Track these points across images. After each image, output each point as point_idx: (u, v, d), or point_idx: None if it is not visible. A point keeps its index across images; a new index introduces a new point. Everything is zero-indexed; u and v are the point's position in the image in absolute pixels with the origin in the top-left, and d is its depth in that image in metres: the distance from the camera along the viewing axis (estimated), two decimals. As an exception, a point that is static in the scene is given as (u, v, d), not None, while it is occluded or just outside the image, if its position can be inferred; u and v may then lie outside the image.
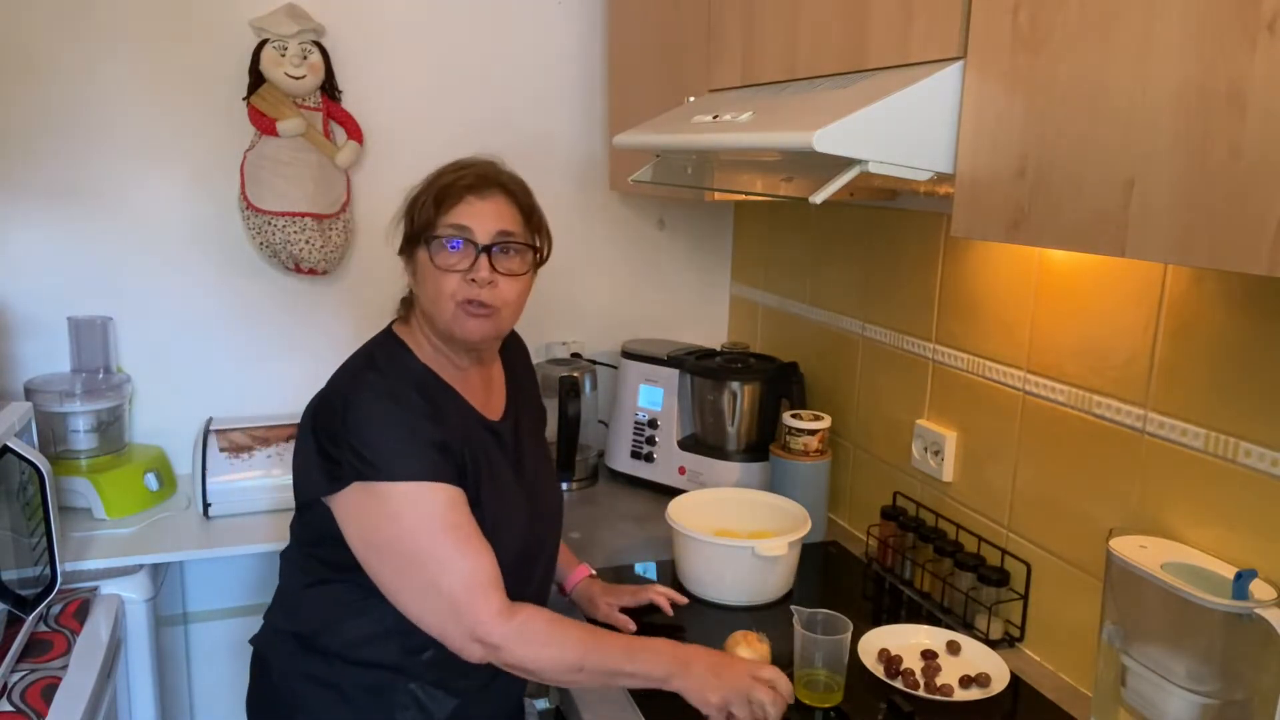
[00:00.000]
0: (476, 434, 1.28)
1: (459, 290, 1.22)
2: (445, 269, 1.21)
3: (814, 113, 1.12)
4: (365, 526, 1.18)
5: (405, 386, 1.22)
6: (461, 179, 1.24)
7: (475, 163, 1.27)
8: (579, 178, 2.24)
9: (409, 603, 1.18)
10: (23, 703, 1.29)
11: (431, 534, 1.16)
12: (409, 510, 1.16)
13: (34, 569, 1.44)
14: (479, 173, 1.25)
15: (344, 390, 1.21)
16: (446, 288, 1.22)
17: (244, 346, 2.06)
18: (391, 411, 1.18)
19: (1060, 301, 1.37)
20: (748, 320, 2.34)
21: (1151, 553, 1.14)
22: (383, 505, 1.16)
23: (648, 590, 1.51)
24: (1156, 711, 1.12)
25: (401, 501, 1.16)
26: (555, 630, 1.18)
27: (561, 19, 2.16)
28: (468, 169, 1.26)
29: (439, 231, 1.22)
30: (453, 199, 1.22)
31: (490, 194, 1.24)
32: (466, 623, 1.15)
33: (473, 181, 1.24)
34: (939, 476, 1.62)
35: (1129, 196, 0.87)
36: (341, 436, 1.17)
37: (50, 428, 1.80)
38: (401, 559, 1.17)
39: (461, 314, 1.22)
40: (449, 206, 1.22)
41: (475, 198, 1.23)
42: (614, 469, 2.13)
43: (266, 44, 1.88)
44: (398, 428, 1.17)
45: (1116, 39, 0.88)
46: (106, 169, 1.92)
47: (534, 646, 1.16)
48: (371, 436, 1.16)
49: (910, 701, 1.28)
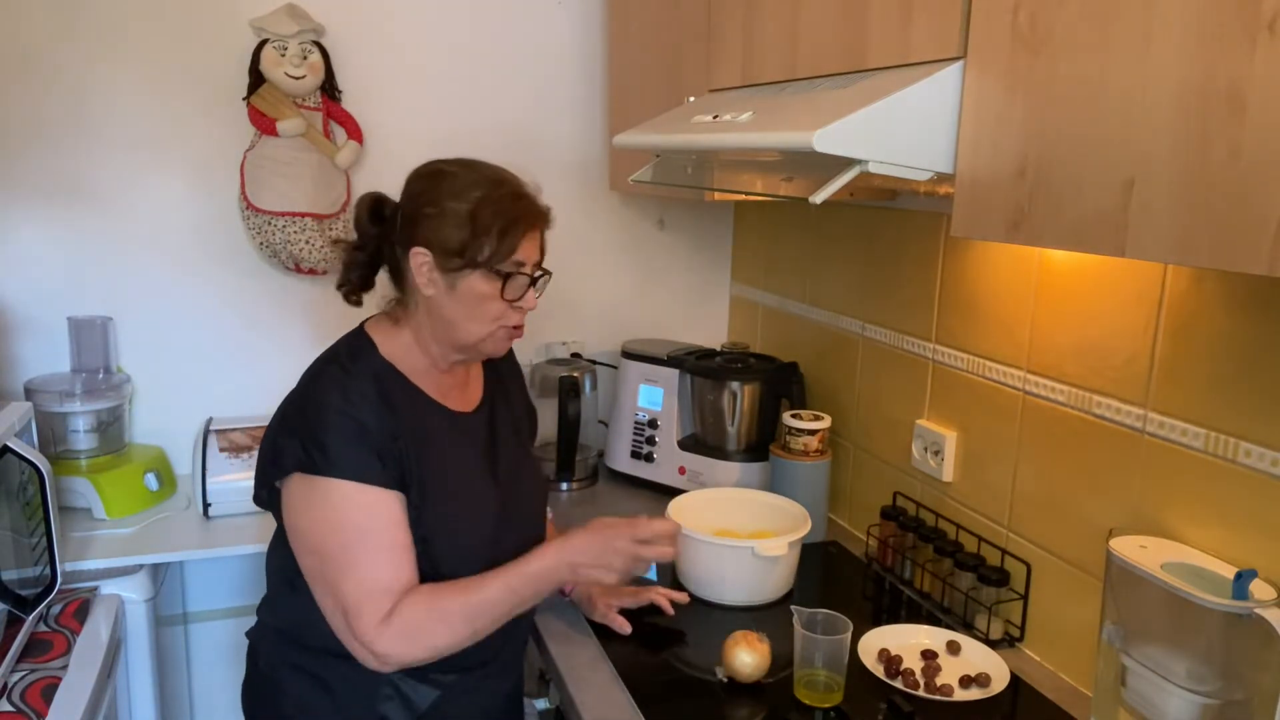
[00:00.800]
0: (437, 426, 1.29)
1: (506, 316, 1.27)
2: (507, 299, 1.26)
3: (814, 113, 1.12)
4: (295, 515, 1.21)
5: (363, 382, 1.24)
6: (526, 210, 1.26)
7: (525, 190, 1.29)
8: (579, 178, 2.24)
9: (318, 597, 1.21)
10: (23, 703, 1.29)
11: (345, 535, 1.18)
12: (333, 507, 1.18)
13: (34, 569, 1.44)
14: (538, 209, 1.28)
15: (303, 384, 1.26)
16: (492, 313, 1.26)
17: (244, 346, 2.06)
18: (343, 409, 1.20)
19: (1060, 301, 1.37)
20: (748, 320, 2.34)
21: (1151, 553, 1.14)
22: (312, 498, 1.19)
23: (648, 591, 1.51)
24: (1156, 711, 1.12)
25: (329, 497, 1.18)
26: (434, 614, 1.19)
27: (561, 19, 2.16)
28: (526, 199, 1.27)
29: (508, 267, 1.25)
30: (519, 233, 1.25)
31: (543, 227, 1.30)
32: (355, 631, 1.17)
33: (537, 217, 1.28)
34: (939, 476, 1.62)
35: (1129, 196, 0.87)
36: (295, 427, 1.20)
37: (50, 428, 1.80)
38: (316, 554, 1.20)
39: (502, 336, 1.29)
40: (516, 240, 1.24)
41: (534, 232, 1.27)
42: (614, 469, 2.13)
43: (266, 44, 1.88)
44: (345, 424, 1.19)
45: (1116, 39, 0.88)
46: (106, 169, 1.92)
47: (419, 640, 1.19)
48: (319, 430, 1.18)
49: (910, 701, 1.28)
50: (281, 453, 1.20)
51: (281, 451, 1.20)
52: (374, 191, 1.31)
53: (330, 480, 1.18)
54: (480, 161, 1.30)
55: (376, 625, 1.17)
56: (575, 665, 1.38)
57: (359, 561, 1.18)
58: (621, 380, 2.13)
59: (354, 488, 1.18)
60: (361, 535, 1.18)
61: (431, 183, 1.26)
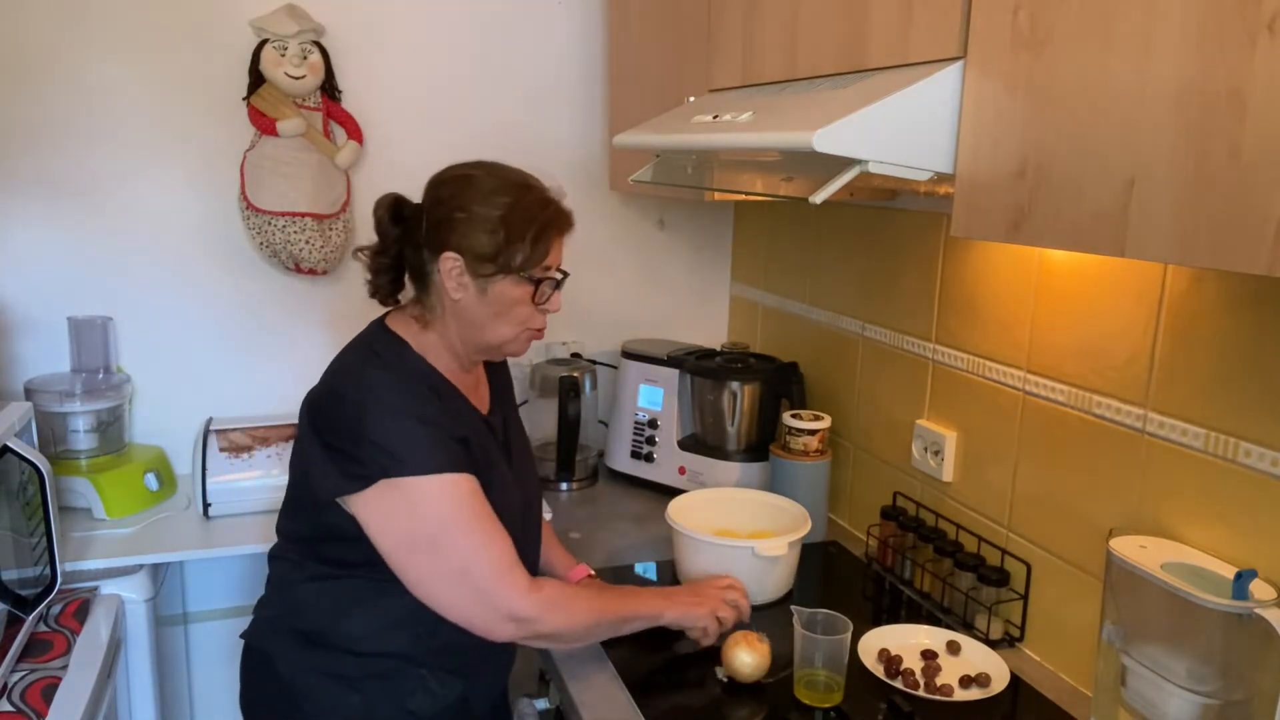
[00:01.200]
0: (476, 427, 1.31)
1: (532, 319, 1.30)
2: (539, 304, 1.29)
3: (814, 113, 1.12)
4: (393, 522, 1.20)
5: (415, 382, 1.25)
6: (555, 215, 1.29)
7: (555, 194, 1.32)
8: (579, 178, 2.24)
9: (438, 592, 1.21)
10: (23, 703, 1.29)
11: (459, 525, 1.20)
12: (435, 503, 1.19)
13: (34, 569, 1.44)
14: (566, 214, 1.31)
15: (354, 387, 1.22)
16: (521, 316, 1.29)
17: (244, 346, 2.06)
18: (409, 407, 1.20)
19: (1060, 301, 1.37)
20: (748, 320, 2.34)
21: (1151, 553, 1.14)
22: (409, 500, 1.18)
23: None
24: (1156, 711, 1.12)
25: (428, 495, 1.19)
26: (572, 594, 1.28)
27: (561, 19, 2.16)
28: (556, 205, 1.30)
29: (539, 273, 1.27)
30: (550, 238, 1.28)
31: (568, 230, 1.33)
32: (499, 605, 1.20)
33: (564, 223, 1.31)
34: (939, 476, 1.62)
35: (1129, 196, 0.87)
36: (361, 435, 1.18)
37: (50, 428, 1.80)
38: (430, 551, 1.20)
39: (527, 339, 1.32)
40: (547, 245, 1.28)
41: (562, 236, 1.31)
42: (614, 469, 2.13)
43: (266, 44, 1.88)
44: (417, 423, 1.20)
45: (1116, 39, 0.88)
46: (107, 169, 1.92)
47: (563, 612, 1.25)
48: (393, 433, 1.18)
49: (910, 701, 1.28)
50: (353, 464, 1.18)
51: (354, 462, 1.18)
52: (392, 193, 1.31)
53: (424, 478, 1.18)
54: (502, 164, 1.31)
55: (525, 592, 1.21)
56: (575, 665, 1.38)
57: (484, 542, 1.20)
58: (621, 380, 2.13)
59: (449, 478, 1.20)
60: (476, 518, 1.21)
61: (459, 187, 1.26)
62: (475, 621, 1.21)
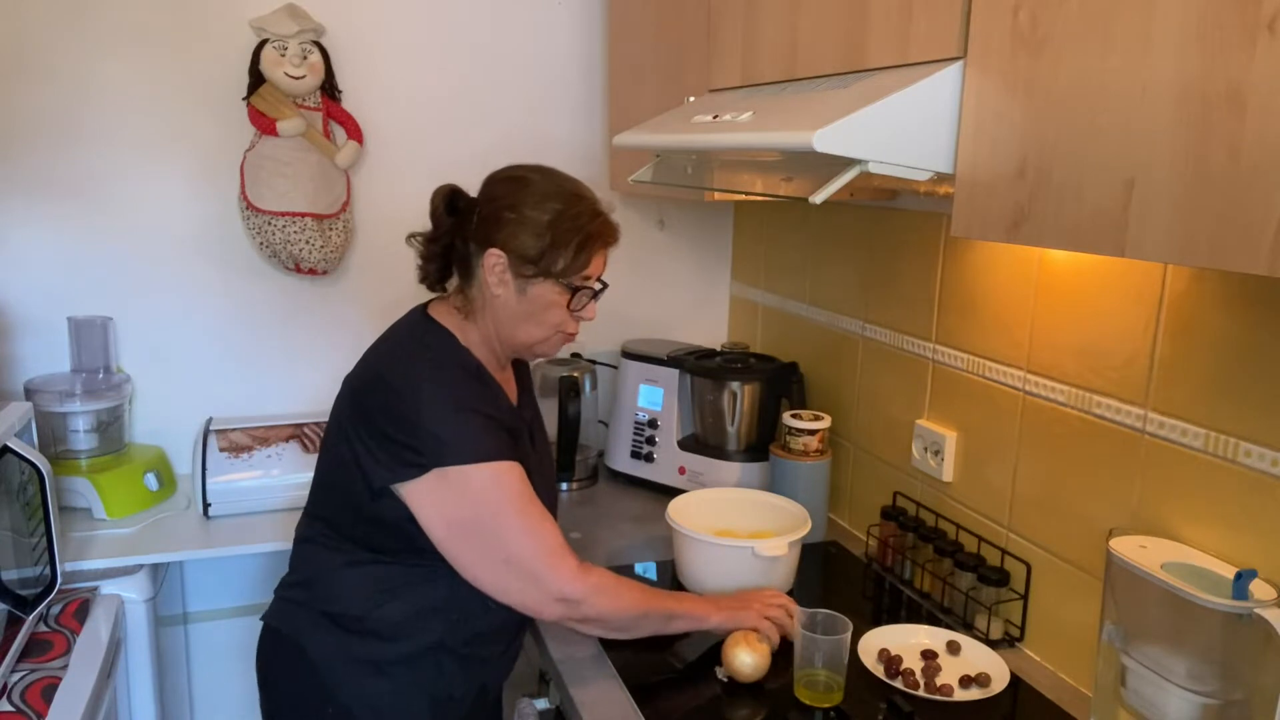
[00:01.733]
0: (515, 418, 1.35)
1: (566, 324, 1.34)
2: (574, 310, 1.33)
3: (814, 113, 1.12)
4: (446, 509, 1.23)
5: (464, 373, 1.29)
6: (602, 228, 1.32)
7: (601, 208, 1.34)
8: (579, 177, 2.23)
9: (489, 577, 1.25)
10: (23, 703, 1.29)
11: (511, 511, 1.24)
12: (489, 490, 1.23)
13: (34, 569, 1.44)
14: (612, 228, 1.34)
15: (406, 377, 1.25)
16: (554, 319, 1.33)
17: (244, 346, 2.06)
18: (461, 397, 1.25)
19: (1060, 301, 1.37)
20: (748, 320, 2.34)
21: (1151, 553, 1.14)
22: (463, 488, 1.22)
23: None
24: (1156, 711, 1.12)
25: (481, 483, 1.23)
26: (620, 583, 1.30)
27: (561, 19, 2.16)
28: (602, 215, 1.33)
29: (578, 281, 1.31)
30: (593, 249, 1.31)
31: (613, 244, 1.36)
32: (550, 587, 1.24)
33: (609, 237, 1.34)
34: (939, 476, 1.62)
35: (1129, 196, 0.87)
36: (416, 424, 1.21)
37: (50, 428, 1.80)
38: (483, 537, 1.24)
39: (557, 340, 1.36)
40: (589, 256, 1.31)
41: (606, 249, 1.34)
42: (614, 469, 2.13)
43: (266, 44, 1.88)
44: (470, 413, 1.24)
45: (1116, 39, 0.88)
46: (107, 169, 1.92)
47: (609, 598, 1.27)
48: (447, 422, 1.22)
49: (910, 701, 1.28)
50: (408, 450, 1.21)
51: (412, 450, 1.21)
52: (450, 184, 1.35)
53: (477, 466, 1.22)
54: (558, 171, 1.35)
55: (575, 574, 1.25)
56: (575, 665, 1.38)
57: (533, 526, 1.24)
58: (621, 380, 2.13)
59: (501, 466, 1.24)
60: (526, 504, 1.25)
61: (513, 187, 1.30)
62: (527, 602, 1.26)
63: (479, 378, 1.31)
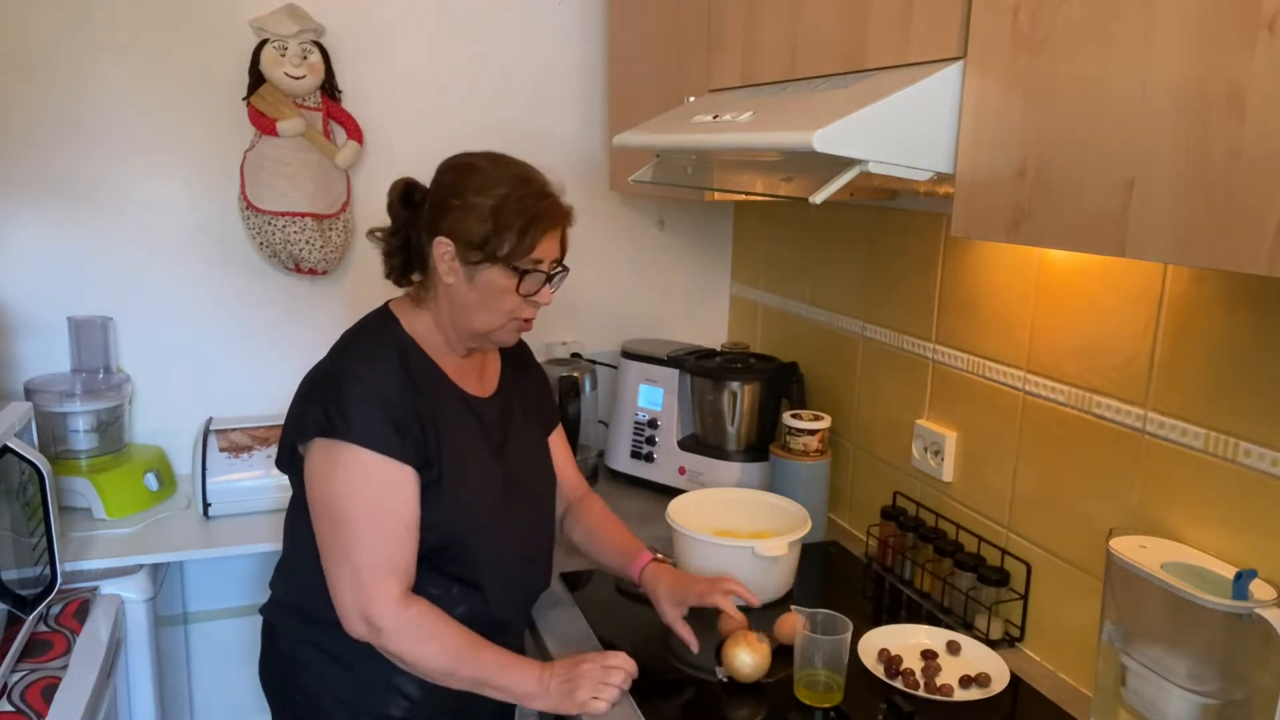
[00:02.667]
0: (453, 407, 1.32)
1: (519, 309, 1.31)
2: (523, 293, 1.29)
3: (814, 113, 1.12)
4: (314, 480, 1.24)
5: (388, 354, 1.28)
6: (548, 210, 1.30)
7: (551, 189, 1.33)
8: (579, 178, 2.24)
9: (328, 563, 1.24)
10: (23, 703, 1.29)
11: (364, 508, 1.21)
12: (353, 475, 1.22)
13: (34, 569, 1.44)
14: (560, 209, 1.32)
15: (331, 354, 1.30)
16: (507, 305, 1.29)
17: (244, 346, 2.06)
18: (369, 380, 1.25)
19: (1060, 301, 1.37)
20: (748, 320, 2.34)
21: (1151, 553, 1.14)
22: (334, 463, 1.22)
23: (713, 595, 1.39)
24: (1156, 711, 1.12)
25: (349, 465, 1.22)
26: (436, 634, 1.23)
27: (561, 19, 2.16)
28: (552, 198, 1.31)
29: (525, 264, 1.28)
30: (539, 231, 1.28)
31: (564, 226, 1.34)
32: (362, 600, 1.21)
33: (560, 217, 1.32)
34: (939, 476, 1.62)
35: (1129, 196, 0.87)
36: (319, 392, 1.25)
37: (50, 428, 1.80)
38: (332, 519, 1.23)
39: (514, 328, 1.33)
40: (535, 238, 1.28)
41: (554, 231, 1.31)
42: (614, 469, 2.13)
43: (266, 44, 1.88)
44: (370, 395, 1.23)
45: (1116, 39, 0.88)
46: (107, 169, 1.92)
47: (412, 642, 1.22)
48: (344, 397, 1.22)
49: (910, 701, 1.28)
50: (305, 418, 1.24)
51: (305, 416, 1.24)
52: (406, 177, 1.35)
53: (352, 447, 1.21)
54: (509, 157, 1.34)
55: (392, 601, 1.21)
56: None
57: (375, 533, 1.21)
58: (621, 380, 2.13)
59: (374, 457, 1.21)
60: (380, 507, 1.22)
61: (460, 175, 1.30)
62: (342, 605, 1.22)
63: (406, 363, 1.29)
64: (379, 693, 1.30)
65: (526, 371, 1.52)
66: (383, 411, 1.22)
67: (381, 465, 1.21)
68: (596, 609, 1.54)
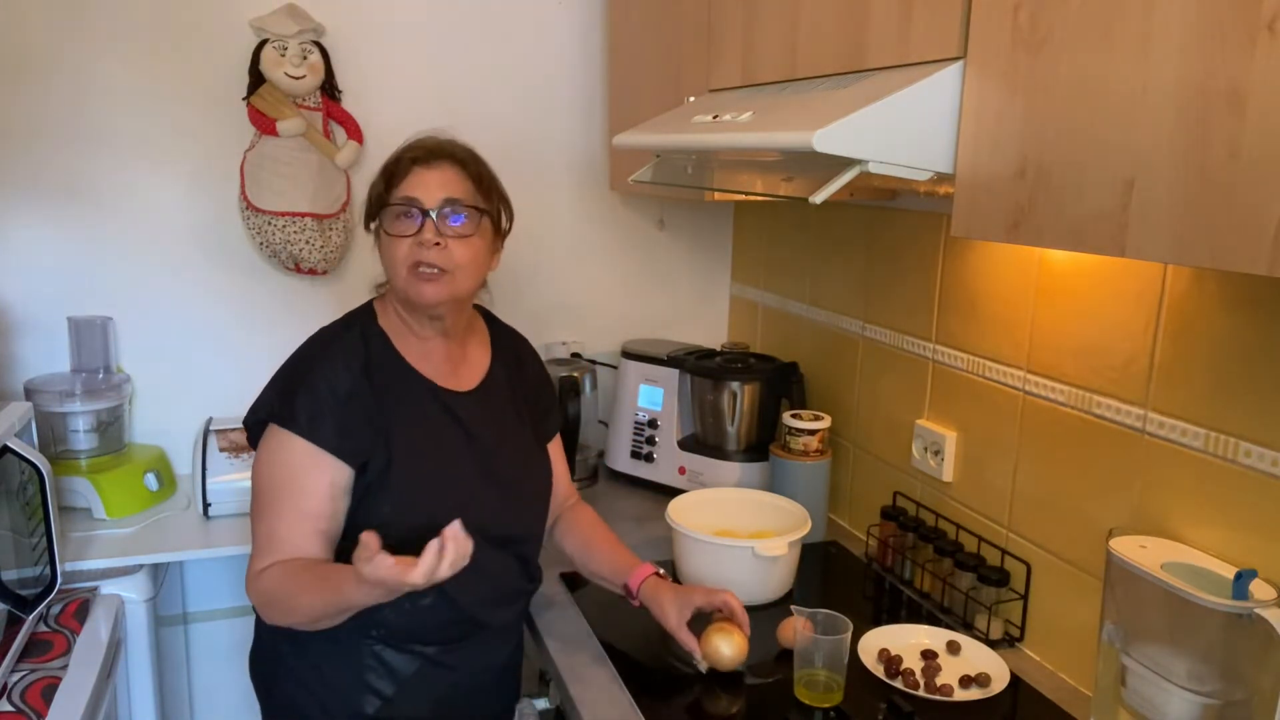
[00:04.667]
0: (417, 400, 1.33)
1: (409, 254, 1.28)
2: (396, 235, 1.29)
3: (814, 113, 1.12)
4: (257, 460, 1.29)
5: (346, 348, 1.31)
6: (409, 153, 1.32)
7: (425, 138, 1.35)
8: (579, 178, 2.24)
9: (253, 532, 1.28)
10: (23, 703, 1.29)
11: (276, 481, 1.25)
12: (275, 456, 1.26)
13: (34, 569, 1.44)
14: (427, 146, 1.33)
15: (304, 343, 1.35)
16: (399, 254, 1.29)
17: (244, 346, 2.06)
18: (321, 370, 1.27)
19: (1060, 301, 1.37)
20: (748, 320, 2.34)
21: (1151, 553, 1.14)
22: (266, 445, 1.27)
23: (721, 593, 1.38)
24: (1156, 711, 1.12)
25: (274, 447, 1.26)
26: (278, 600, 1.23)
27: (561, 19, 2.16)
28: (419, 144, 1.34)
29: (390, 201, 1.30)
30: (401, 172, 1.30)
31: (437, 164, 1.31)
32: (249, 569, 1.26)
33: (419, 154, 1.31)
34: (939, 476, 1.62)
35: (1129, 196, 0.87)
36: (276, 379, 1.31)
37: (50, 428, 1.80)
38: (255, 492, 1.28)
39: (414, 278, 1.29)
40: (399, 180, 1.30)
41: (422, 168, 1.30)
42: (614, 469, 2.13)
43: (266, 44, 1.88)
44: (317, 385, 1.26)
45: (1117, 39, 0.88)
46: (107, 169, 1.92)
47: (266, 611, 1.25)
48: (293, 385, 1.27)
49: (910, 701, 1.28)
50: (261, 400, 1.30)
51: (259, 401, 1.30)
52: None
53: (284, 431, 1.25)
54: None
55: (253, 575, 1.25)
56: (575, 665, 1.38)
57: (275, 510, 1.25)
58: (621, 380, 2.13)
59: (299, 443, 1.24)
60: (284, 487, 1.25)
61: None
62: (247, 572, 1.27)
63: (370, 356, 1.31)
64: (351, 690, 1.30)
65: (521, 369, 1.50)
66: (322, 402, 1.25)
67: (303, 451, 1.24)
68: (597, 609, 1.54)
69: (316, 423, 1.24)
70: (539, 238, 2.23)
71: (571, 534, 1.53)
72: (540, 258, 2.25)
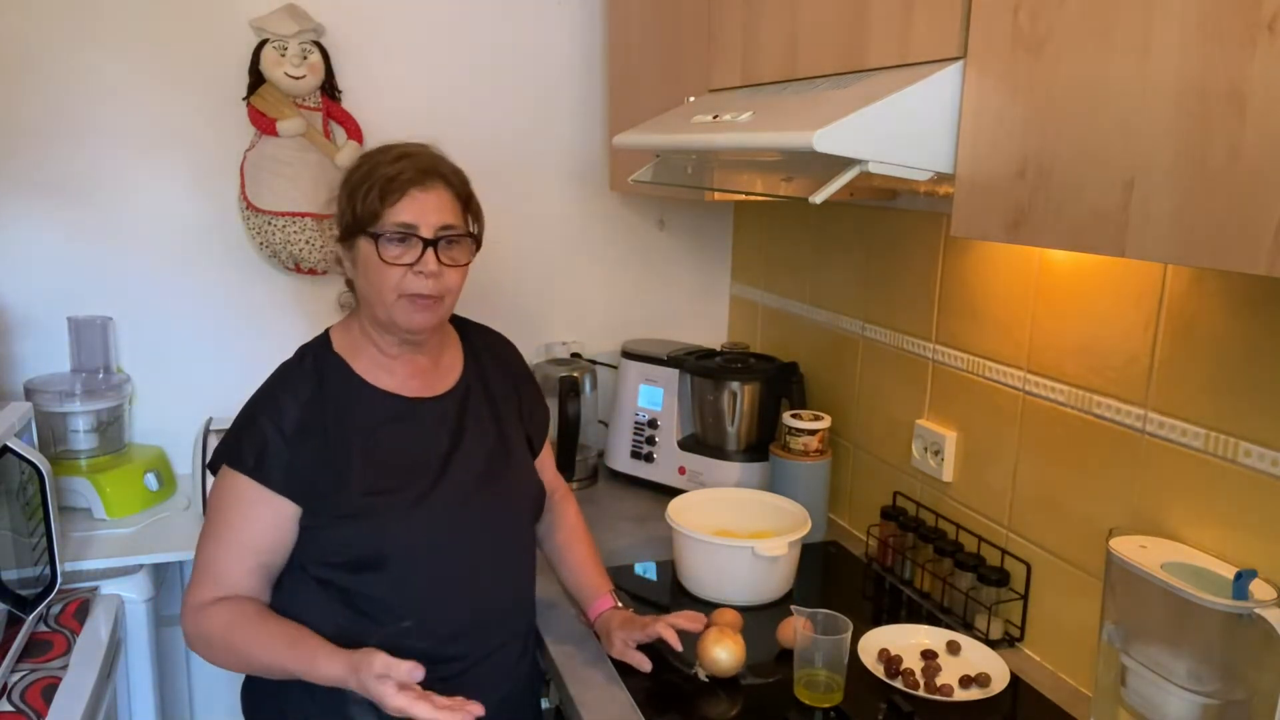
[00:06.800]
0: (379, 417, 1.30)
1: (404, 284, 1.25)
2: (392, 263, 1.24)
3: (814, 113, 1.12)
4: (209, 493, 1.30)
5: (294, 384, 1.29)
6: (403, 172, 1.25)
7: (415, 152, 1.29)
8: (579, 178, 2.24)
9: None
10: (23, 703, 1.29)
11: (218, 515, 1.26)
12: (223, 492, 1.26)
13: (34, 569, 1.44)
14: (421, 166, 1.27)
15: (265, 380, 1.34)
16: (390, 281, 1.25)
17: (244, 346, 2.06)
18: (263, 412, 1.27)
19: (1060, 301, 1.37)
20: (748, 320, 2.34)
21: (1151, 553, 1.14)
22: (218, 484, 1.28)
23: (655, 624, 1.35)
24: (1156, 711, 1.12)
25: (225, 479, 1.26)
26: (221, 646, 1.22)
27: (561, 19, 2.16)
28: (408, 159, 1.27)
29: (385, 228, 1.24)
30: (396, 193, 1.24)
31: (433, 186, 1.27)
32: (184, 599, 1.25)
33: (415, 175, 1.26)
34: (939, 476, 1.62)
35: (1129, 197, 0.87)
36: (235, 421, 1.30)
37: (50, 428, 1.80)
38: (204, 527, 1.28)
39: (406, 305, 1.26)
40: (393, 201, 1.24)
41: (419, 191, 1.25)
42: (614, 469, 2.13)
43: (266, 44, 1.88)
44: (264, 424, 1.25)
45: (1116, 39, 0.88)
46: (106, 169, 1.91)
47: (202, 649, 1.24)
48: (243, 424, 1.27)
49: (910, 701, 1.28)
50: (220, 442, 1.29)
51: (221, 440, 1.30)
52: None
53: (233, 472, 1.25)
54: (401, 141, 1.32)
55: (193, 607, 1.23)
56: (575, 665, 1.38)
57: (217, 539, 1.25)
58: (621, 380, 2.13)
59: (249, 483, 1.24)
60: (229, 522, 1.25)
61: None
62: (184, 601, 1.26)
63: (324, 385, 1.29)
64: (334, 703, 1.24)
65: (498, 365, 1.45)
66: (269, 443, 1.24)
67: (248, 488, 1.24)
68: (596, 609, 1.54)
69: (262, 462, 1.24)
70: (539, 238, 2.23)
71: (548, 537, 1.53)
72: (540, 258, 2.25)
